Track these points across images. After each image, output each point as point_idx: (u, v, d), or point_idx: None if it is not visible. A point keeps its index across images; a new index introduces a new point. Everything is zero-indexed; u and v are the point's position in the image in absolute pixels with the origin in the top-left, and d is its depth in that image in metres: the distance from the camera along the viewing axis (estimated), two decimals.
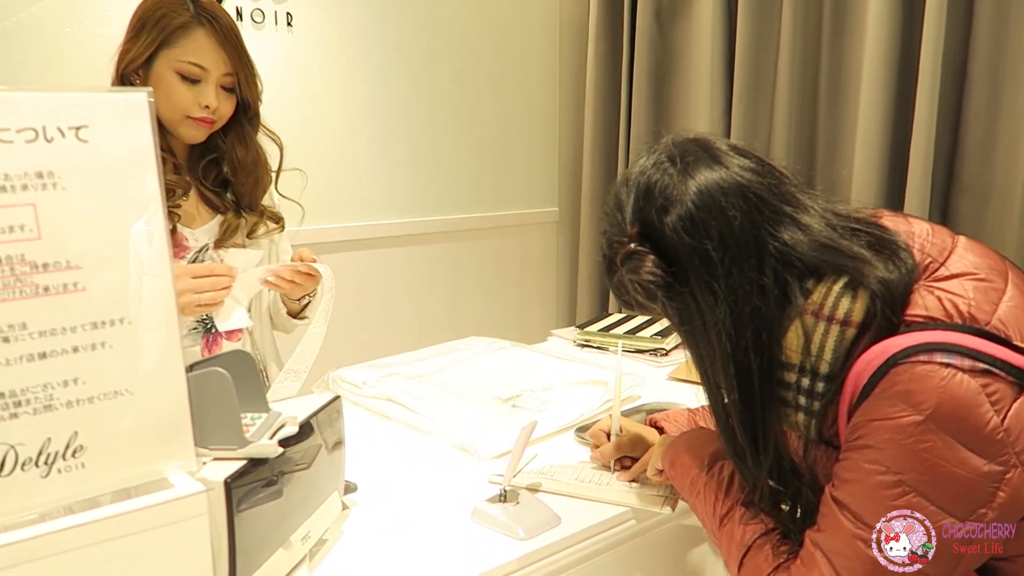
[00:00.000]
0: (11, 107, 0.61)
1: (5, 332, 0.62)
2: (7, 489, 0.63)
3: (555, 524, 0.98)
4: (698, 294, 0.79)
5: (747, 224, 0.78)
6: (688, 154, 0.82)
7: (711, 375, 0.83)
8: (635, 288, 0.83)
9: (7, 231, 0.62)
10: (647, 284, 0.80)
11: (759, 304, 0.77)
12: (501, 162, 2.80)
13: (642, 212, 0.82)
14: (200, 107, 1.28)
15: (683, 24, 2.51)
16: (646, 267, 0.80)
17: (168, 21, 1.25)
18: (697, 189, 0.79)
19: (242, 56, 1.31)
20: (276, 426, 0.83)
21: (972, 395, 0.69)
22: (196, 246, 1.37)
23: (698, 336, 0.82)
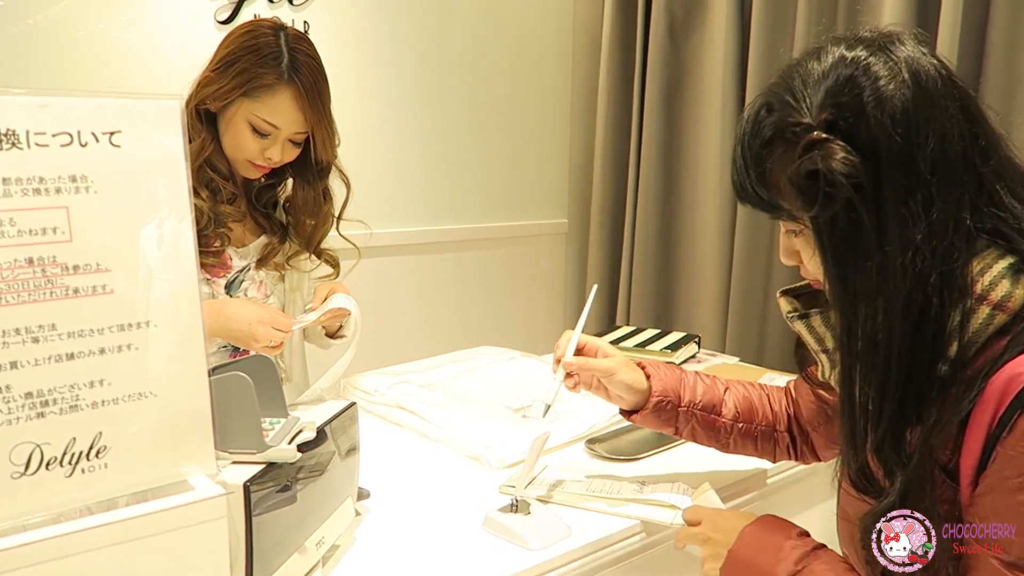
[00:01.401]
0: (48, 111, 0.62)
1: (35, 332, 0.63)
2: (32, 487, 0.64)
3: (566, 535, 0.98)
4: (887, 208, 0.68)
5: (964, 143, 0.68)
6: (899, 43, 0.71)
7: (855, 312, 0.71)
8: (802, 182, 0.70)
9: (40, 233, 0.63)
10: (835, 177, 0.67)
11: (953, 244, 0.67)
12: (512, 172, 2.81)
13: (842, 93, 0.70)
14: (264, 158, 1.29)
15: (696, 38, 2.53)
16: (838, 156, 0.67)
17: (257, 75, 1.23)
18: (919, 81, 0.68)
19: (322, 117, 1.29)
20: (294, 431, 0.83)
21: None
22: (239, 265, 1.38)
23: (860, 261, 0.69)
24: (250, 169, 1.32)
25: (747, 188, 0.78)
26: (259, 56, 1.24)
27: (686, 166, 2.60)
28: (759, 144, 0.75)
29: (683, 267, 2.65)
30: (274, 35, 1.26)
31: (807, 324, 0.86)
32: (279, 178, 1.41)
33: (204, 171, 1.30)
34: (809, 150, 0.69)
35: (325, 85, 1.30)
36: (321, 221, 1.41)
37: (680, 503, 1.03)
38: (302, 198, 1.39)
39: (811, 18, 2.18)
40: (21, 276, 0.62)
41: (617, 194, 2.80)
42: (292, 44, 1.26)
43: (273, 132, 1.27)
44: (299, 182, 1.39)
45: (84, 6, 1.88)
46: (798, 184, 0.70)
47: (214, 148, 1.30)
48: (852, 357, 0.73)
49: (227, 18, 2.07)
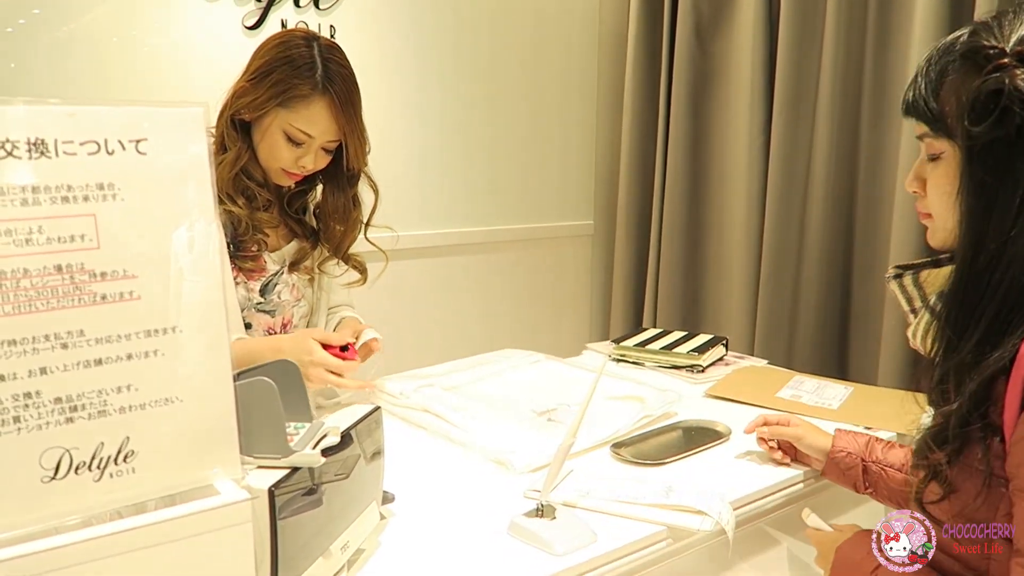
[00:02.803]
0: (76, 121, 0.63)
1: (64, 339, 0.64)
2: (61, 492, 0.65)
3: (591, 541, 0.97)
4: None
5: None
6: None
7: (985, 233, 0.76)
8: (980, 97, 0.75)
9: (68, 240, 0.64)
10: (1018, 96, 0.72)
11: None
12: (537, 174, 2.81)
13: None
14: (298, 166, 1.31)
15: (723, 38, 2.50)
16: (1022, 78, 0.73)
17: (292, 85, 1.25)
18: None
19: (354, 126, 1.31)
20: (319, 436, 0.83)
21: None
22: (273, 269, 1.41)
23: (1001, 188, 0.75)
24: (283, 177, 1.35)
25: (918, 97, 0.83)
26: (294, 67, 1.25)
27: (713, 167, 2.58)
28: (949, 58, 0.81)
29: (710, 269, 2.63)
30: (307, 46, 1.28)
31: (899, 283, 0.94)
32: (310, 184, 1.43)
33: (240, 179, 1.32)
34: (998, 70, 0.74)
35: (357, 94, 1.32)
36: (350, 227, 1.43)
37: (707, 508, 1.02)
38: (332, 205, 1.41)
39: (840, 16, 2.15)
40: (50, 283, 0.63)
41: (643, 196, 2.79)
42: (325, 55, 1.28)
43: (307, 141, 1.29)
44: (329, 189, 1.41)
45: (117, 13, 1.91)
46: (974, 100, 0.75)
47: (249, 157, 1.32)
48: (971, 272, 0.78)
49: (255, 23, 2.09)
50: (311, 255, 1.45)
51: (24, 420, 0.63)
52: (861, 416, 1.39)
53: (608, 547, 0.97)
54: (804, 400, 1.48)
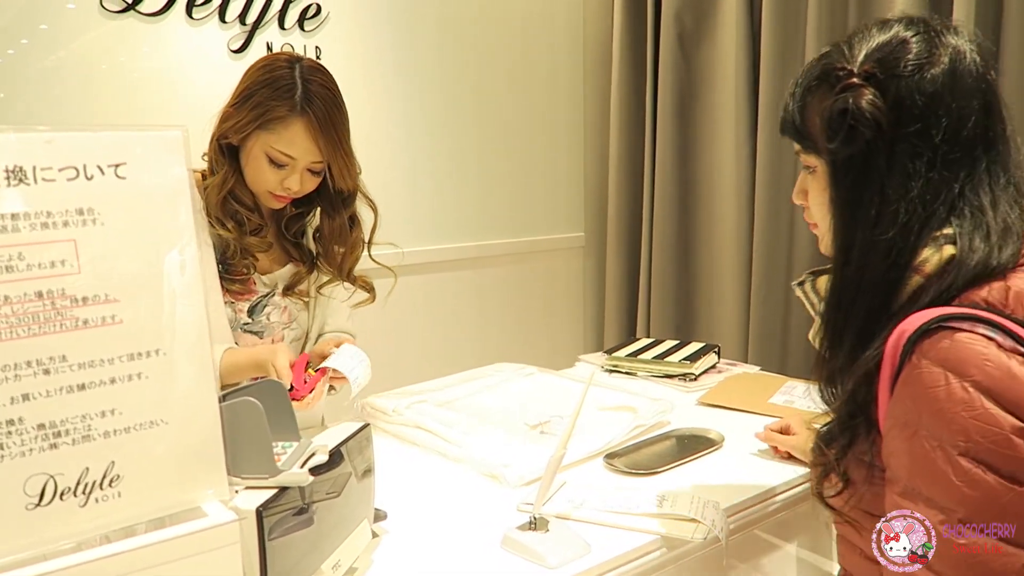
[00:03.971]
0: (54, 147, 0.64)
1: (46, 364, 0.64)
2: (47, 518, 0.65)
3: (585, 552, 0.97)
4: (897, 157, 0.79)
5: (977, 130, 0.79)
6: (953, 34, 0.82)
7: (853, 242, 0.82)
8: (832, 116, 0.80)
9: (48, 266, 0.64)
10: (861, 115, 0.78)
11: (937, 211, 0.78)
12: (527, 188, 2.82)
13: (887, 57, 0.80)
14: (283, 188, 1.30)
15: (707, 48, 2.52)
16: (867, 98, 0.79)
17: (270, 108, 1.24)
18: (956, 68, 0.79)
19: (337, 147, 1.29)
20: (307, 454, 0.83)
21: (1012, 368, 0.70)
22: (263, 291, 1.40)
23: (864, 199, 0.80)
24: (272, 200, 1.34)
25: (788, 119, 0.89)
26: (273, 89, 1.25)
27: (701, 176, 2.59)
28: (809, 79, 0.87)
29: (702, 277, 2.63)
30: (289, 67, 1.27)
31: (803, 289, 0.99)
32: (307, 207, 1.43)
33: (229, 203, 1.32)
34: (845, 91, 0.80)
35: (340, 115, 1.30)
36: (350, 248, 1.42)
37: (701, 516, 1.02)
38: (329, 227, 1.41)
39: (821, 25, 2.17)
40: (31, 309, 0.63)
41: (633, 206, 2.80)
42: (307, 75, 1.27)
43: (290, 163, 1.28)
44: (325, 211, 1.41)
45: (105, 40, 1.92)
46: (829, 118, 0.81)
47: (236, 180, 1.32)
48: (843, 278, 0.84)
49: (240, 46, 2.11)
50: (307, 279, 1.44)
51: (7, 447, 0.63)
52: None
53: (602, 558, 0.97)
54: (796, 405, 1.48)
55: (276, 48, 2.16)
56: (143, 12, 1.95)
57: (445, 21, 2.52)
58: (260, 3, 2.12)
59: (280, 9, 2.15)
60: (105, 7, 1.90)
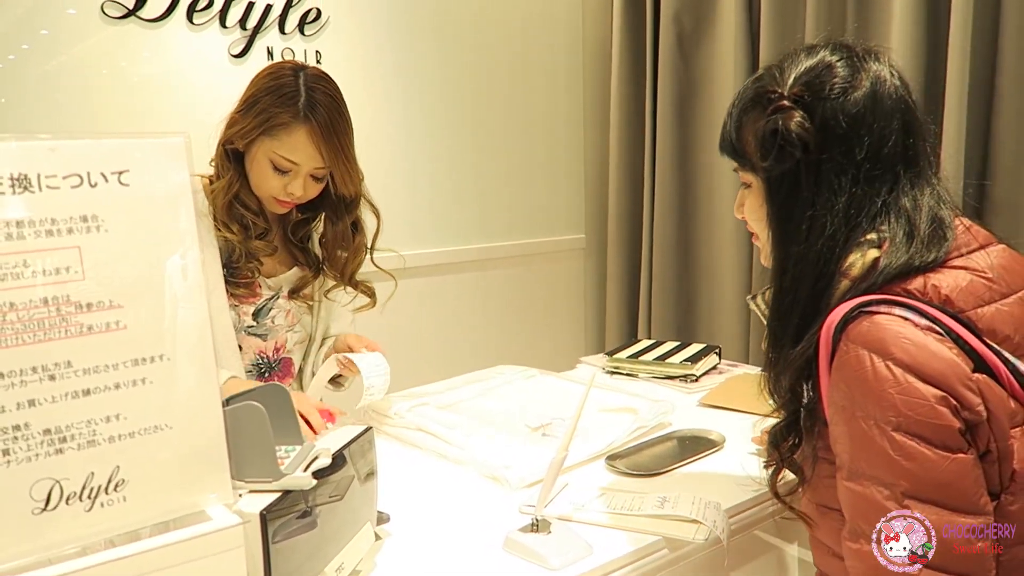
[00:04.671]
0: (58, 155, 0.64)
1: (51, 370, 0.64)
2: (52, 523, 0.65)
3: (587, 554, 0.98)
4: (823, 174, 0.84)
5: (897, 148, 0.84)
6: (875, 60, 0.88)
7: (788, 253, 0.88)
8: (764, 137, 0.86)
9: (53, 273, 0.64)
10: (790, 136, 0.83)
11: (860, 223, 0.84)
12: (527, 190, 2.82)
13: (814, 80, 0.85)
14: (286, 193, 1.32)
15: (706, 48, 2.53)
16: (795, 120, 0.84)
17: (274, 114, 1.27)
18: (877, 91, 0.85)
19: (339, 154, 1.31)
20: (310, 458, 0.84)
21: (928, 344, 0.75)
22: (268, 294, 1.42)
23: (796, 214, 0.86)
24: (276, 205, 1.36)
25: (726, 138, 0.95)
26: (277, 96, 1.27)
27: (701, 177, 2.60)
28: (743, 102, 0.92)
29: (703, 278, 2.64)
30: (294, 75, 1.30)
31: (755, 303, 1.05)
32: (313, 213, 1.45)
33: (234, 207, 1.34)
34: (776, 112, 0.86)
35: (342, 123, 1.32)
36: (353, 253, 1.44)
37: (702, 517, 1.02)
38: (332, 232, 1.42)
39: (819, 26, 2.18)
40: (36, 316, 0.64)
41: (633, 208, 2.80)
42: (310, 83, 1.29)
43: (293, 168, 1.30)
44: (328, 216, 1.43)
45: (105, 45, 1.93)
46: (760, 138, 0.87)
47: (242, 185, 1.34)
48: (780, 288, 0.90)
49: (241, 51, 2.11)
50: (312, 283, 1.46)
51: (13, 452, 0.63)
52: None
53: (604, 559, 0.97)
54: None
55: (276, 53, 2.16)
56: (144, 17, 1.96)
57: (444, 24, 2.52)
58: (260, 8, 2.13)
59: (280, 14, 2.16)
60: (106, 12, 1.91)
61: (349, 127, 1.34)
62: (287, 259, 1.46)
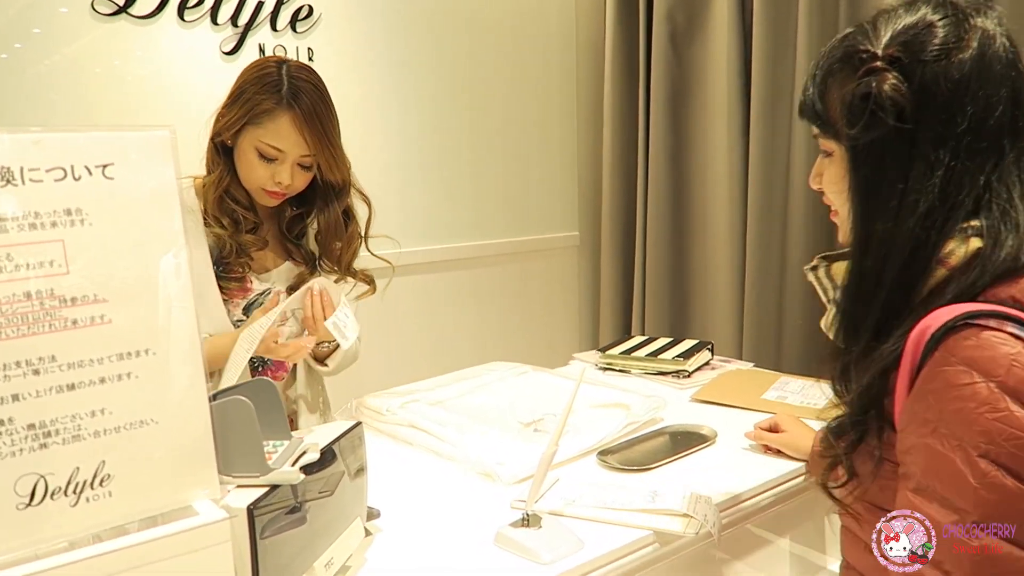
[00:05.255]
0: (41, 147, 0.64)
1: (35, 365, 0.64)
2: (37, 518, 0.65)
3: (578, 548, 0.98)
4: (919, 145, 0.76)
5: (1004, 120, 0.76)
6: (983, 16, 0.79)
7: (871, 232, 0.79)
8: (854, 101, 0.77)
9: (37, 267, 0.64)
10: (884, 101, 0.75)
11: (961, 202, 0.75)
12: (521, 188, 2.82)
13: (913, 40, 0.77)
14: (274, 183, 1.33)
15: (699, 45, 2.53)
16: (890, 83, 0.75)
17: (257, 103, 1.29)
18: (985, 54, 0.76)
19: (324, 140, 1.32)
20: (298, 453, 0.84)
21: None
22: (259, 289, 1.42)
23: (884, 188, 0.78)
24: (265, 197, 1.36)
25: (807, 100, 0.86)
26: (261, 85, 1.30)
27: (695, 174, 2.60)
28: (830, 62, 0.83)
29: (696, 275, 2.64)
30: (277, 67, 1.32)
31: (816, 276, 0.96)
32: (307, 207, 1.45)
33: (225, 202, 1.35)
34: (868, 75, 0.77)
35: (326, 110, 1.33)
36: (347, 242, 1.46)
37: (693, 511, 1.02)
38: (324, 222, 1.44)
39: (812, 22, 2.18)
40: (20, 310, 0.63)
41: (627, 205, 2.80)
42: (293, 73, 1.32)
43: (279, 156, 1.31)
44: (319, 207, 1.44)
45: (99, 44, 1.93)
46: (850, 103, 0.78)
47: (232, 179, 1.35)
48: (861, 269, 0.81)
49: (232, 48, 2.11)
50: (310, 277, 1.45)
51: None
52: None
53: (595, 554, 0.97)
54: (789, 401, 1.49)
55: (268, 50, 2.16)
56: (135, 15, 1.96)
57: (437, 21, 2.52)
58: (252, 5, 2.12)
59: (272, 11, 2.15)
60: (96, 10, 1.90)
61: (333, 114, 1.36)
62: (280, 254, 1.47)
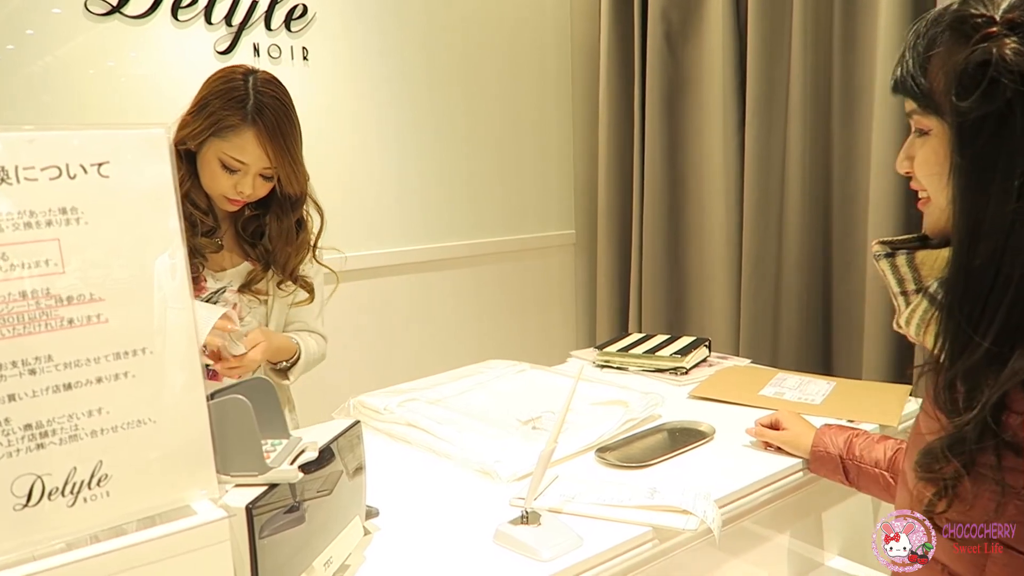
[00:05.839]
0: (36, 146, 0.64)
1: (32, 364, 0.64)
2: (35, 518, 0.64)
3: (577, 545, 0.97)
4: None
5: None
6: None
7: (979, 226, 0.71)
8: (968, 70, 0.70)
9: (32, 266, 0.64)
10: (1006, 66, 0.68)
11: None
12: (518, 186, 2.82)
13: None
14: (236, 192, 1.37)
15: (694, 43, 2.53)
16: (1011, 46, 0.68)
17: (223, 117, 1.32)
18: None
19: (285, 155, 1.36)
20: (296, 452, 0.83)
21: None
22: (214, 287, 1.45)
23: (997, 166, 0.69)
24: (226, 203, 1.41)
25: (906, 73, 0.78)
26: (227, 100, 1.33)
27: (690, 171, 2.60)
28: (937, 30, 0.76)
29: (693, 271, 2.64)
30: (243, 80, 1.35)
31: (891, 263, 0.85)
32: (265, 210, 1.48)
33: (184, 205, 1.38)
34: (984, 40, 0.69)
35: (289, 126, 1.38)
36: (295, 250, 1.49)
37: (692, 507, 1.02)
38: (277, 229, 1.47)
39: (806, 20, 2.18)
40: (16, 309, 0.63)
41: (623, 202, 2.80)
42: (259, 87, 1.35)
43: (241, 168, 1.35)
44: (274, 213, 1.47)
45: (93, 44, 1.92)
46: (962, 72, 0.70)
47: (192, 184, 1.39)
48: (969, 262, 0.71)
49: (227, 48, 2.10)
50: (263, 277, 1.49)
51: None
52: (843, 410, 1.40)
53: (594, 550, 0.97)
54: (787, 397, 1.49)
55: (263, 49, 2.15)
56: (128, 15, 1.95)
57: (432, 20, 2.52)
58: (246, 4, 2.11)
59: (266, 10, 2.15)
60: (89, 10, 1.90)
61: (296, 129, 1.39)
62: (238, 254, 1.49)
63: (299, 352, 1.50)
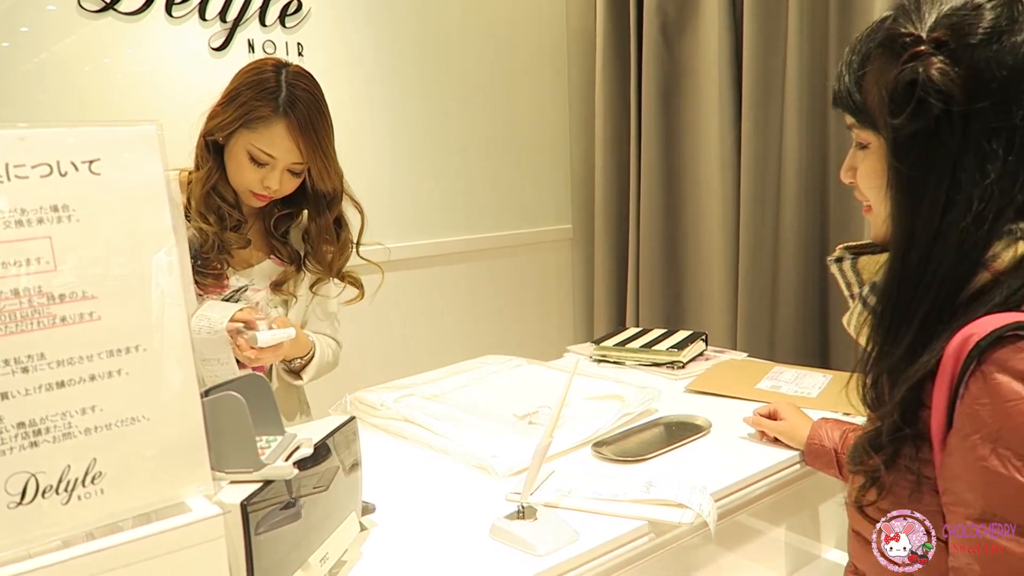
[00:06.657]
0: (26, 143, 0.63)
1: (24, 363, 0.64)
2: (29, 517, 0.64)
3: (573, 540, 0.98)
4: (971, 135, 0.70)
5: None
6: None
7: (913, 232, 0.73)
8: (897, 88, 0.72)
9: (24, 264, 0.64)
10: (932, 87, 0.69)
11: (1016, 198, 0.70)
12: (514, 181, 2.82)
13: (961, 23, 0.71)
14: (262, 186, 1.33)
15: (690, 37, 2.53)
16: (937, 67, 0.70)
17: (253, 108, 1.29)
18: None
19: (316, 149, 1.33)
20: (291, 448, 0.83)
21: None
22: (236, 285, 1.42)
23: (928, 180, 0.72)
24: (252, 198, 1.37)
25: (843, 89, 0.81)
26: (258, 90, 1.30)
27: (687, 165, 2.60)
28: (870, 46, 0.78)
29: (689, 266, 2.64)
30: (275, 72, 1.32)
31: (839, 267, 0.90)
32: (295, 208, 1.46)
33: (212, 198, 1.35)
34: (912, 59, 0.71)
35: (321, 119, 1.34)
36: (340, 249, 1.46)
37: (688, 501, 1.03)
38: (315, 228, 1.44)
39: (803, 14, 2.18)
40: (8, 307, 0.63)
41: (620, 197, 2.80)
42: (291, 80, 1.31)
43: (270, 161, 1.32)
44: (311, 212, 1.45)
45: (89, 42, 1.91)
46: (892, 90, 0.73)
47: (220, 176, 1.35)
48: (902, 270, 0.75)
49: (221, 44, 2.10)
50: (294, 278, 1.46)
51: None
52: (839, 403, 1.39)
53: (590, 544, 0.97)
54: (783, 390, 1.49)
55: (257, 45, 2.15)
56: (122, 11, 1.94)
57: (428, 16, 2.51)
58: (240, 0, 2.11)
59: (261, 6, 2.14)
60: (83, 7, 1.89)
61: (328, 124, 1.36)
62: (264, 251, 1.47)
63: (313, 350, 1.46)
